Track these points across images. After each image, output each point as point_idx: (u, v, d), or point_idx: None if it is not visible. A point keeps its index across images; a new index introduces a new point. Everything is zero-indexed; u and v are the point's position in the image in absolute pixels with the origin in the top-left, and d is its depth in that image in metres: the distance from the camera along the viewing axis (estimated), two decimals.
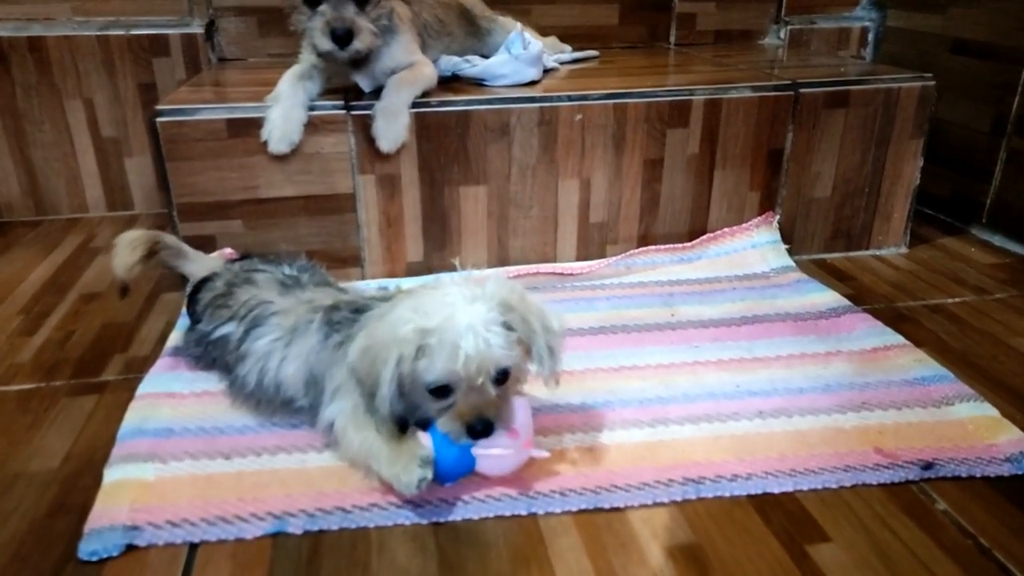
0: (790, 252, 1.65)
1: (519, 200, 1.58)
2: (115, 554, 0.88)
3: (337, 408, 1.00)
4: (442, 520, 0.93)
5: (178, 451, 1.05)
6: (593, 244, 1.64)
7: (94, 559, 0.87)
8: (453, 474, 0.94)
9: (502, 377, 0.93)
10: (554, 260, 1.62)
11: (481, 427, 0.91)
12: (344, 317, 1.05)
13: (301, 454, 1.04)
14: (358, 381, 0.94)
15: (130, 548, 0.89)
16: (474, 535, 0.91)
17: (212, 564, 0.87)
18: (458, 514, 0.94)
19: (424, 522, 0.92)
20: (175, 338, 1.35)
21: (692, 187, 1.63)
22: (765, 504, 0.95)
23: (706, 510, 0.94)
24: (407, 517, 0.93)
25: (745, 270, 1.61)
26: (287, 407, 1.09)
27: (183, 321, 1.40)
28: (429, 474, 0.90)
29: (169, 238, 1.35)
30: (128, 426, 1.10)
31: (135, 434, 1.08)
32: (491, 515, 0.94)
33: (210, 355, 1.18)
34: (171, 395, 1.18)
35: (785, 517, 0.93)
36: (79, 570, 0.86)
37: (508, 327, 0.92)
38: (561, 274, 1.59)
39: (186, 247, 1.38)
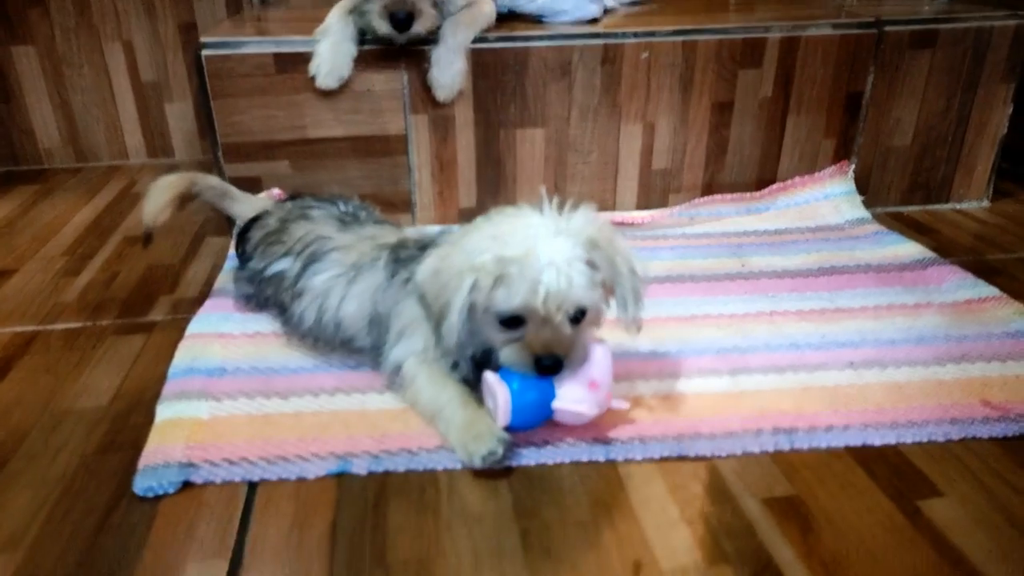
0: (864, 204, 1.55)
1: (578, 144, 1.49)
2: (171, 491, 0.83)
3: (406, 349, 0.94)
4: (515, 464, 0.87)
5: (232, 390, 1.00)
6: (655, 192, 1.55)
7: (150, 495, 0.82)
8: (529, 423, 0.87)
9: (579, 316, 0.86)
10: (613, 208, 1.54)
11: (550, 362, 0.84)
12: (411, 254, 0.98)
13: (361, 395, 0.98)
14: (425, 305, 0.89)
15: (186, 485, 0.84)
16: (549, 481, 0.84)
17: (273, 503, 0.81)
18: (531, 458, 0.87)
19: (495, 466, 0.86)
20: (223, 280, 1.30)
21: (763, 133, 1.53)
22: (867, 457, 0.87)
23: (802, 462, 0.87)
24: None
25: (817, 222, 1.52)
26: (346, 346, 1.03)
27: (230, 263, 1.35)
28: (500, 451, 0.84)
29: (211, 179, 1.29)
30: (179, 365, 1.05)
31: (186, 372, 1.03)
32: (566, 460, 0.87)
33: (264, 293, 1.13)
34: (221, 335, 1.13)
35: (890, 471, 0.85)
36: (134, 506, 0.81)
37: (592, 265, 0.86)
38: (621, 223, 1.51)
39: (232, 188, 1.32)
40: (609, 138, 1.50)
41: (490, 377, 0.87)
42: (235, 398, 0.98)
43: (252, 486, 0.84)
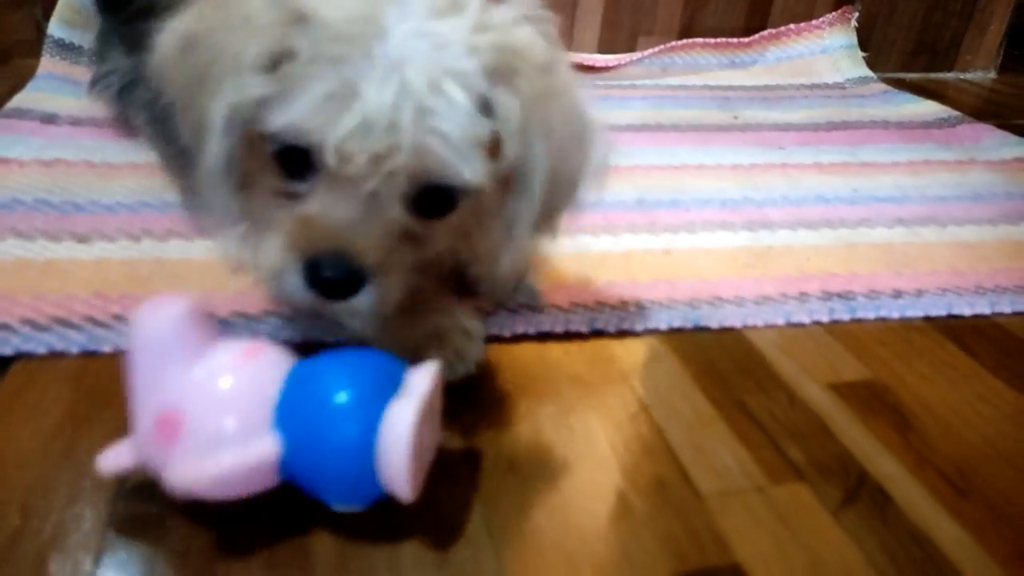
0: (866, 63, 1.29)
1: None
2: None
3: None
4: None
5: (0, 228, 0.63)
6: (622, 33, 1.23)
7: None
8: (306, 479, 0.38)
9: (430, 201, 0.42)
10: (569, 49, 1.21)
11: (331, 272, 0.40)
12: None
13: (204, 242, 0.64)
14: (173, 98, 0.45)
15: None
16: (515, 364, 0.54)
17: (35, 388, 0.47)
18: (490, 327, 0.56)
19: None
20: (21, 100, 0.90)
21: None
22: (957, 330, 0.61)
23: (870, 336, 0.60)
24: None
25: (813, 79, 1.24)
26: None
27: (39, 81, 0.95)
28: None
29: None
30: None
31: None
32: (529, 331, 0.57)
33: None
34: (4, 161, 0.75)
35: (994, 348, 0.59)
36: None
37: (486, 110, 0.40)
38: (579, 66, 1.18)
39: None
40: None
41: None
42: (2, 238, 0.62)
43: (3, 361, 0.50)
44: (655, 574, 0.38)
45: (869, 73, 1.26)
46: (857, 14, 1.28)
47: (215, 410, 0.36)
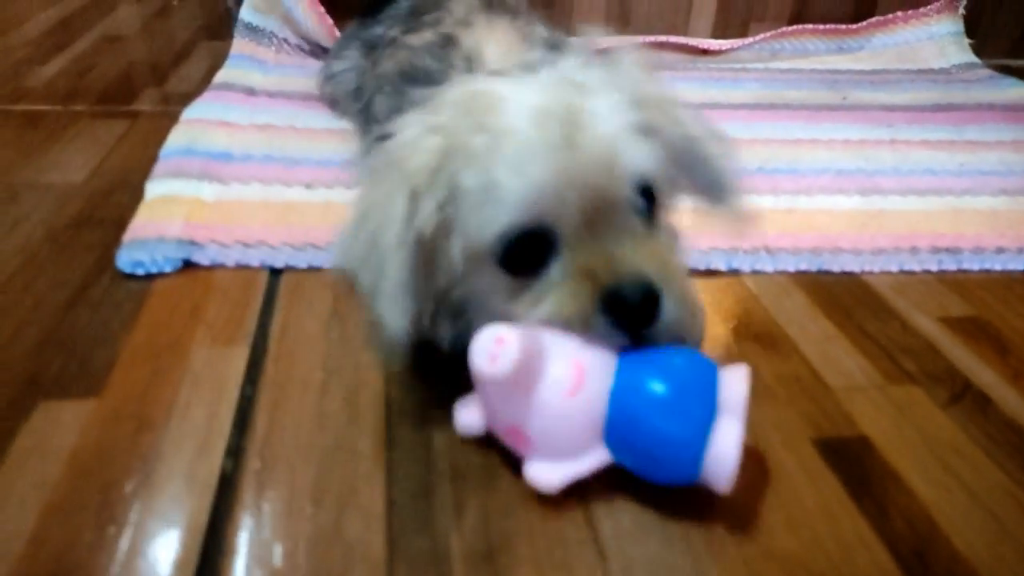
0: (972, 50, 1.34)
1: None
2: (168, 269, 0.63)
3: None
4: None
5: (243, 175, 0.79)
6: (735, 18, 1.32)
7: (139, 272, 0.62)
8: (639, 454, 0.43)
9: (648, 199, 0.45)
10: (684, 35, 1.31)
11: (637, 295, 0.41)
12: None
13: None
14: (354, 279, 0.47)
15: (188, 266, 0.64)
16: None
17: (303, 292, 0.62)
18: None
19: None
20: (225, 75, 1.07)
21: None
22: None
23: (975, 283, 0.69)
24: None
25: (919, 65, 1.30)
26: None
27: (234, 60, 1.12)
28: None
29: None
30: (174, 145, 0.83)
31: (184, 153, 0.82)
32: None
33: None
34: (226, 123, 0.91)
35: None
36: (118, 283, 0.61)
37: (646, 130, 0.46)
38: (693, 49, 1.28)
39: None
40: None
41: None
42: (247, 183, 0.78)
43: (276, 272, 0.65)
44: (800, 439, 0.50)
45: (975, 59, 1.31)
46: (965, 1, 1.34)
47: (553, 433, 0.42)
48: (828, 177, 0.87)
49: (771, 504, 0.45)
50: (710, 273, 0.68)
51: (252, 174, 0.79)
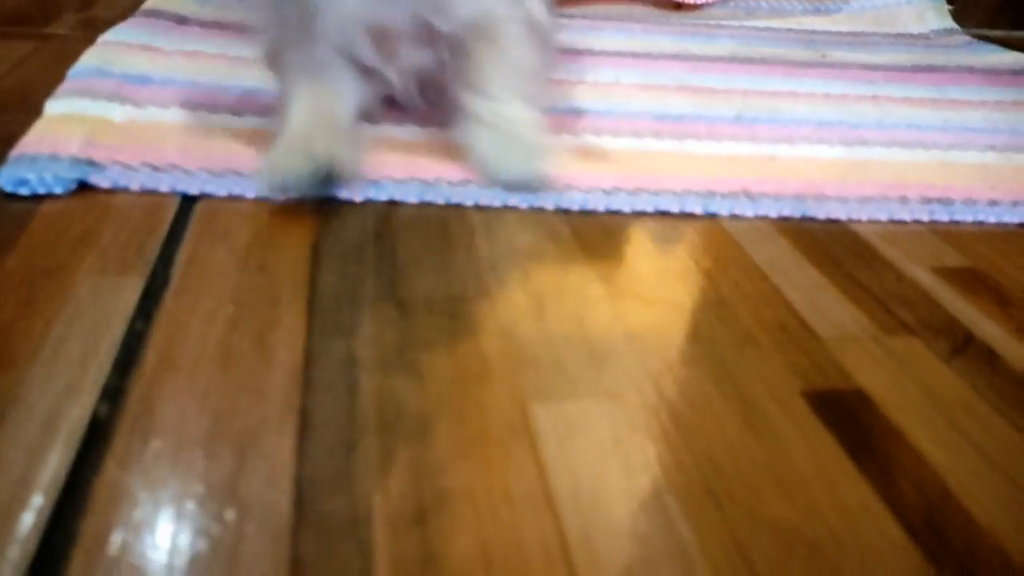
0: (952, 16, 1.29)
1: None
2: (58, 190, 0.53)
3: None
4: (573, 208, 0.60)
5: (161, 99, 0.69)
6: None
7: (22, 191, 0.53)
8: None
9: None
10: None
11: None
12: None
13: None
14: None
15: (84, 188, 0.55)
16: (619, 233, 0.59)
17: (218, 221, 0.53)
18: (598, 204, 0.61)
19: (549, 207, 0.60)
20: (156, 2, 0.96)
21: None
22: None
23: (969, 235, 0.63)
24: (524, 200, 0.60)
25: (897, 29, 1.26)
26: None
27: None
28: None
29: None
30: (85, 66, 0.73)
31: (96, 74, 0.72)
32: (648, 209, 0.61)
33: None
34: (149, 47, 0.81)
35: None
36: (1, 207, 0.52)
37: None
38: (665, 3, 1.21)
39: None
40: None
41: None
42: (165, 107, 0.68)
43: (189, 200, 0.56)
44: (788, 391, 0.43)
45: (954, 25, 1.27)
46: None
47: None
48: (809, 128, 0.81)
49: (757, 463, 0.38)
50: (685, 216, 0.61)
51: (172, 98, 0.70)
